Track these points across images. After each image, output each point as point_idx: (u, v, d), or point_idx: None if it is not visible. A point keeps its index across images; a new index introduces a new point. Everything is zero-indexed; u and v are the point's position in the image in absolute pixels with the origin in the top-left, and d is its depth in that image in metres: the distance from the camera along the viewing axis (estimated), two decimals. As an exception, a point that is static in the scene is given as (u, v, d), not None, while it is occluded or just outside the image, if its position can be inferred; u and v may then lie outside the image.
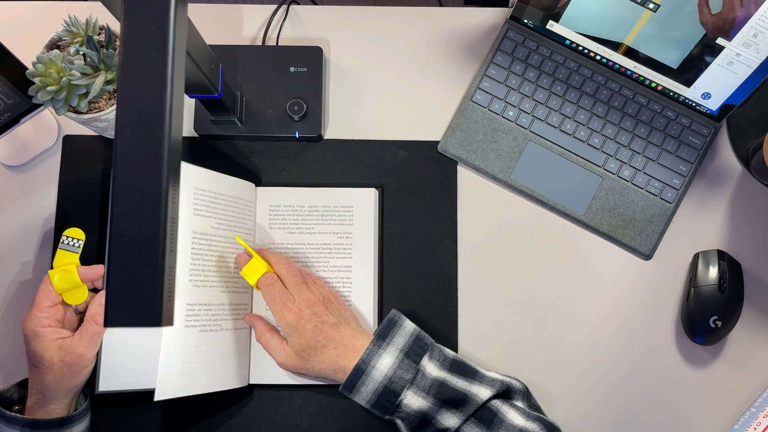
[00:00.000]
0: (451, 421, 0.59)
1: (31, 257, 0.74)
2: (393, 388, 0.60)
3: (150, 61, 0.42)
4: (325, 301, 0.65)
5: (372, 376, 0.60)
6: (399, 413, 0.61)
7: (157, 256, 0.41)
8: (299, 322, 0.62)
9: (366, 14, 0.80)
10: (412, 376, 0.60)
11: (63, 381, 0.61)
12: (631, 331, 0.74)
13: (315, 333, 0.62)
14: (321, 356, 0.62)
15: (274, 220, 0.73)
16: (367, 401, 0.61)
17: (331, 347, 0.62)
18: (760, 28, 0.64)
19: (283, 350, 0.64)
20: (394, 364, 0.61)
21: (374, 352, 0.61)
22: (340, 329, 0.63)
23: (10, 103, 0.67)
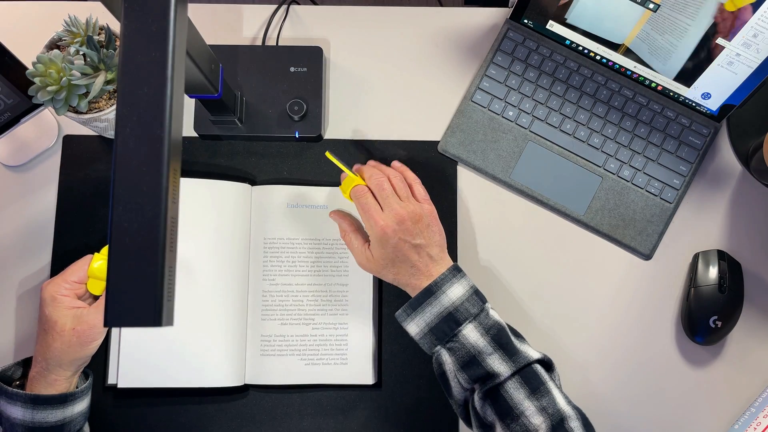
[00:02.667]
0: (501, 367, 0.60)
1: (31, 257, 0.74)
2: (457, 317, 0.61)
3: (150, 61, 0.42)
4: (415, 219, 0.65)
5: (440, 300, 0.62)
6: (454, 342, 0.61)
7: (157, 256, 0.41)
8: (384, 235, 0.63)
9: (366, 14, 0.81)
10: (477, 312, 0.61)
11: (70, 350, 0.62)
12: (631, 330, 0.74)
13: (396, 249, 0.63)
14: (397, 269, 0.64)
15: (270, 219, 0.73)
16: (428, 323, 0.61)
17: (408, 266, 0.64)
18: (760, 28, 0.64)
19: (363, 253, 0.66)
20: (463, 295, 0.62)
21: (448, 279, 0.63)
22: (420, 251, 0.64)
23: (10, 103, 0.67)
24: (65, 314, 0.62)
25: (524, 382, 0.59)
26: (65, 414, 0.63)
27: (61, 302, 0.62)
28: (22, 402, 0.61)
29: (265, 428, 0.70)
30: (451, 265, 0.64)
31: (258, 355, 0.70)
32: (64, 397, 0.62)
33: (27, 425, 0.61)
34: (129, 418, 0.70)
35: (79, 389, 0.64)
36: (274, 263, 0.72)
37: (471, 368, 0.60)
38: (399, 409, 0.71)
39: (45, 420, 0.61)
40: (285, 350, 0.70)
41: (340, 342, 0.71)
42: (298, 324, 0.71)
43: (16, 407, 0.61)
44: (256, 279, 0.72)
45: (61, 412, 0.62)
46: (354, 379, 0.70)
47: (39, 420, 0.61)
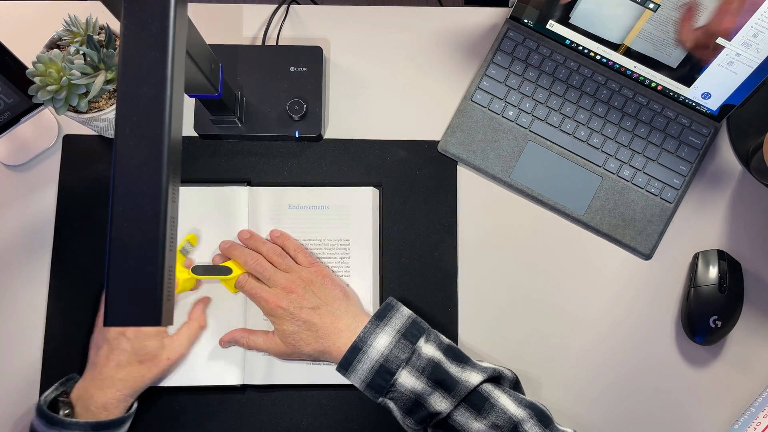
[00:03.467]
0: (443, 405, 0.59)
1: (31, 257, 0.74)
2: (389, 367, 0.60)
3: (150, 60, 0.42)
4: (306, 284, 0.66)
5: (368, 354, 0.61)
6: (393, 393, 0.61)
7: (157, 256, 0.41)
8: (276, 310, 0.64)
9: (366, 14, 0.80)
10: (408, 356, 0.61)
11: (161, 375, 0.66)
12: (630, 330, 0.74)
13: (293, 319, 0.64)
14: (305, 339, 0.64)
15: (273, 220, 0.73)
16: (362, 380, 0.61)
17: (312, 331, 0.63)
18: (760, 28, 0.64)
19: (270, 341, 0.66)
20: (390, 344, 0.61)
21: (371, 331, 0.62)
22: (320, 312, 0.64)
23: (10, 102, 0.67)
24: (159, 345, 0.66)
25: (469, 406, 0.60)
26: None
27: (160, 331, 0.66)
28: (82, 430, 0.61)
29: (264, 428, 0.70)
30: (371, 315, 0.64)
31: (260, 355, 0.70)
32: (122, 420, 0.64)
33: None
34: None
35: (129, 413, 0.65)
36: None
37: (415, 413, 0.60)
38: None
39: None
40: None
41: None
42: None
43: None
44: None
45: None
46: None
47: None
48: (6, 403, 0.71)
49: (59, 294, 0.72)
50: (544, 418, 0.60)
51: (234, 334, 0.69)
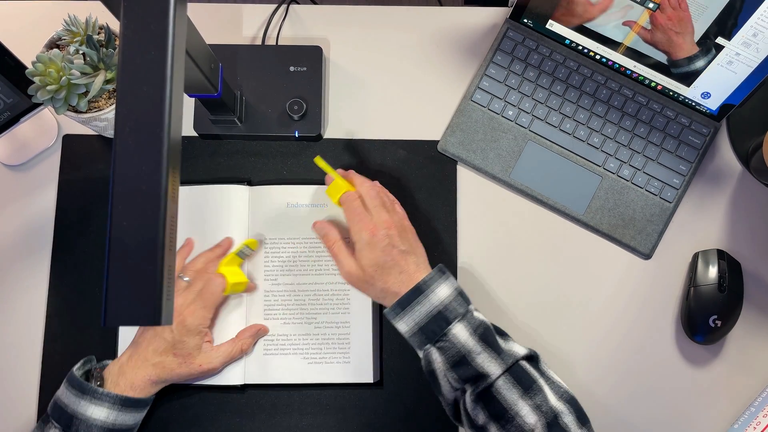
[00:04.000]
0: (491, 366, 0.59)
1: (31, 257, 0.74)
2: (446, 315, 0.61)
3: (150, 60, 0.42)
4: (400, 229, 0.66)
5: (430, 299, 0.61)
6: (444, 342, 0.60)
7: (157, 256, 0.41)
8: (372, 239, 0.63)
9: (366, 14, 0.80)
10: (464, 311, 0.61)
11: (188, 378, 0.67)
12: (630, 330, 0.74)
13: (384, 253, 0.63)
14: (385, 276, 0.63)
15: (271, 219, 0.73)
16: (417, 323, 0.61)
17: (396, 271, 0.63)
18: (760, 28, 0.64)
19: (351, 261, 0.65)
20: (451, 295, 0.62)
21: (435, 279, 0.62)
22: (407, 257, 0.64)
23: (9, 102, 0.67)
24: (199, 347, 0.66)
25: (516, 381, 0.59)
26: (138, 417, 0.65)
27: (202, 333, 0.67)
28: (111, 403, 0.62)
29: (264, 427, 0.70)
30: (437, 266, 0.64)
31: (261, 354, 0.70)
32: (148, 401, 0.66)
33: (107, 427, 0.61)
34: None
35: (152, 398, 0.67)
36: (275, 263, 0.72)
37: (461, 368, 0.60)
38: (400, 408, 0.71)
39: (125, 423, 0.63)
40: (288, 349, 0.70)
41: (342, 341, 0.71)
42: (300, 323, 0.71)
43: (101, 408, 0.61)
44: (258, 278, 0.72)
45: (139, 415, 0.65)
46: (356, 378, 0.70)
47: (120, 422, 0.63)
48: (6, 403, 0.71)
49: (59, 294, 0.72)
50: (582, 416, 0.60)
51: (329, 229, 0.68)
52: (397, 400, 0.71)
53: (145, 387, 0.64)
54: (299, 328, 0.71)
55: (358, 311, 0.71)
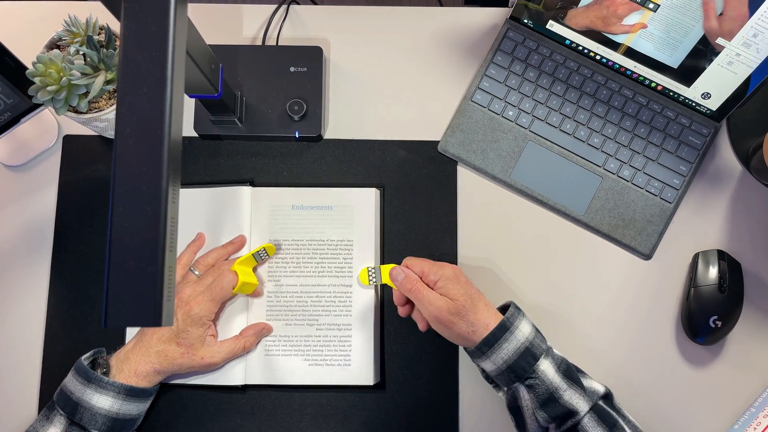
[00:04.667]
0: (579, 403, 0.59)
1: (31, 257, 0.74)
2: (534, 352, 0.60)
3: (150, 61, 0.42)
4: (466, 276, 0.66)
5: (516, 336, 0.60)
6: (533, 379, 0.59)
7: (157, 256, 0.41)
8: (456, 273, 0.63)
9: (366, 14, 0.81)
10: (546, 348, 0.61)
11: (189, 370, 0.66)
12: (630, 330, 0.74)
13: (470, 285, 0.63)
14: (476, 305, 0.62)
15: (275, 220, 0.73)
16: (506, 360, 0.59)
17: (483, 303, 0.62)
18: (760, 28, 0.64)
19: (439, 296, 0.62)
20: (532, 332, 0.61)
21: (516, 315, 0.62)
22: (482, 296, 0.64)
23: (10, 102, 0.67)
24: (202, 339, 0.66)
25: (600, 419, 0.59)
26: (142, 408, 0.66)
27: (208, 326, 0.67)
28: (116, 392, 0.62)
29: (265, 427, 0.70)
30: (511, 302, 0.64)
31: (262, 355, 0.70)
32: (152, 392, 0.66)
33: (111, 416, 0.62)
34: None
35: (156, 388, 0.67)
36: (278, 264, 0.72)
37: (550, 406, 0.59)
38: (400, 410, 0.71)
39: (129, 412, 0.63)
40: (289, 351, 0.70)
41: (344, 343, 0.71)
42: (302, 325, 0.71)
43: (106, 397, 0.62)
44: (261, 279, 0.72)
45: (143, 405, 0.66)
46: (357, 380, 0.70)
47: (125, 411, 0.63)
48: (6, 403, 0.71)
49: (59, 294, 0.72)
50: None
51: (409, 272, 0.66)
52: (398, 402, 0.71)
53: (148, 375, 0.64)
54: (301, 330, 0.71)
55: (360, 314, 0.71)
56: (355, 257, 0.72)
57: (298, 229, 0.73)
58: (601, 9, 0.70)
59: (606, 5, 0.69)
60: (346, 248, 0.73)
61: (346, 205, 0.73)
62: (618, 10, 0.69)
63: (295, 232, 0.73)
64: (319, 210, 0.73)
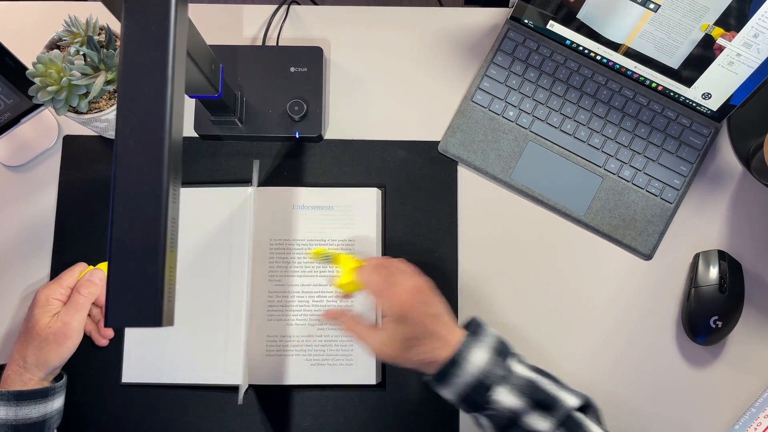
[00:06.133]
0: (542, 424, 0.57)
1: (31, 257, 0.74)
2: (486, 383, 0.58)
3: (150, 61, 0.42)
4: (429, 288, 0.62)
5: (466, 369, 0.58)
6: (489, 410, 0.58)
7: (158, 256, 0.41)
8: (405, 309, 0.60)
9: (366, 14, 0.80)
10: (504, 374, 0.59)
11: (47, 348, 0.64)
12: (631, 331, 0.74)
13: (417, 323, 0.60)
14: (422, 347, 0.60)
15: (276, 220, 0.73)
16: (458, 394, 0.59)
17: (433, 339, 0.60)
18: (761, 29, 0.64)
19: (380, 338, 0.61)
20: (488, 361, 0.59)
21: (468, 346, 0.59)
22: (437, 321, 0.61)
23: (10, 103, 0.67)
24: (48, 316, 0.65)
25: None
26: (46, 410, 0.64)
27: (52, 305, 0.66)
28: (5, 400, 0.62)
29: (266, 428, 0.70)
30: (472, 322, 0.62)
31: (264, 356, 0.70)
32: (46, 392, 0.64)
33: (10, 424, 0.62)
34: (131, 417, 0.70)
35: (59, 384, 0.66)
36: (279, 264, 0.72)
37: (511, 430, 0.58)
38: (401, 410, 0.71)
39: (28, 416, 0.63)
40: (291, 351, 0.70)
41: (344, 343, 0.71)
42: (303, 324, 0.71)
43: None
44: (262, 280, 0.72)
45: (42, 407, 0.64)
46: (358, 380, 0.70)
47: (22, 417, 0.62)
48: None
49: (59, 294, 0.72)
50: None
51: (339, 314, 0.64)
52: (399, 402, 0.71)
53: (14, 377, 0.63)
54: (302, 330, 0.71)
55: (361, 313, 0.71)
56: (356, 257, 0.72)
57: (300, 229, 0.73)
58: None
59: None
60: (347, 248, 0.73)
61: (348, 205, 0.73)
62: None
63: (296, 232, 0.73)
64: (321, 210, 0.73)
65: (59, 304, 0.66)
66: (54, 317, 0.65)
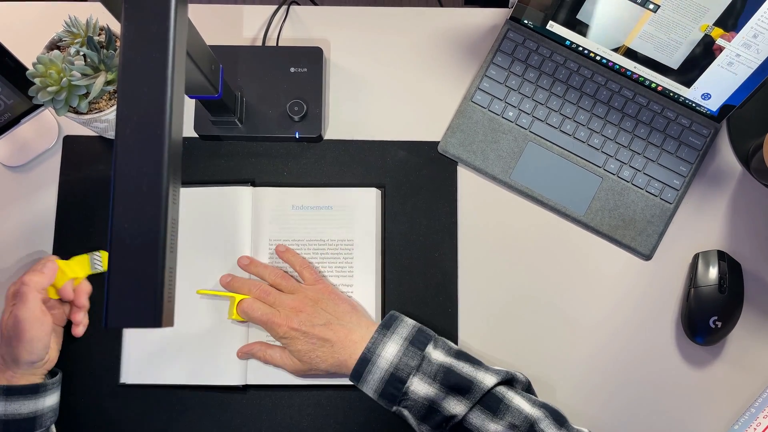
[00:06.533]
0: (457, 408, 0.59)
1: (31, 258, 0.74)
2: (399, 375, 0.60)
3: (150, 61, 0.42)
4: (314, 302, 0.66)
5: (378, 364, 0.61)
6: (406, 401, 0.60)
7: (157, 257, 0.41)
8: (288, 332, 0.64)
9: (366, 14, 0.81)
10: (417, 363, 0.60)
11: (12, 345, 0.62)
12: (631, 331, 0.74)
13: (306, 337, 0.64)
14: (320, 356, 0.64)
15: (275, 220, 0.73)
16: (375, 390, 0.61)
17: (327, 346, 0.63)
18: (760, 29, 0.64)
19: (287, 358, 0.66)
20: (399, 352, 0.61)
21: (379, 341, 0.62)
22: (332, 327, 0.64)
23: (10, 103, 0.67)
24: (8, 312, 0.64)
25: (485, 408, 0.59)
26: (37, 406, 0.64)
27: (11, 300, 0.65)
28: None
29: (265, 427, 0.70)
30: (378, 325, 0.64)
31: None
32: (36, 388, 0.64)
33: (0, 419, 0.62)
34: (130, 418, 0.70)
35: (50, 381, 0.66)
36: (279, 264, 0.72)
37: (429, 418, 0.60)
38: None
39: (18, 412, 0.62)
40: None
41: None
42: None
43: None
44: (260, 280, 0.72)
45: (33, 404, 0.63)
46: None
47: (11, 412, 0.62)
48: (6, 403, 0.71)
49: (59, 295, 0.72)
50: (558, 417, 0.61)
51: (252, 347, 0.69)
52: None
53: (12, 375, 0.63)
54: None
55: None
56: (356, 257, 0.72)
57: (299, 229, 0.73)
58: None
59: None
60: (346, 248, 0.73)
61: (347, 205, 0.73)
62: None
63: (296, 232, 0.73)
64: (319, 210, 0.73)
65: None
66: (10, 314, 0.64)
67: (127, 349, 0.71)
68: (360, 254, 0.72)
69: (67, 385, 0.70)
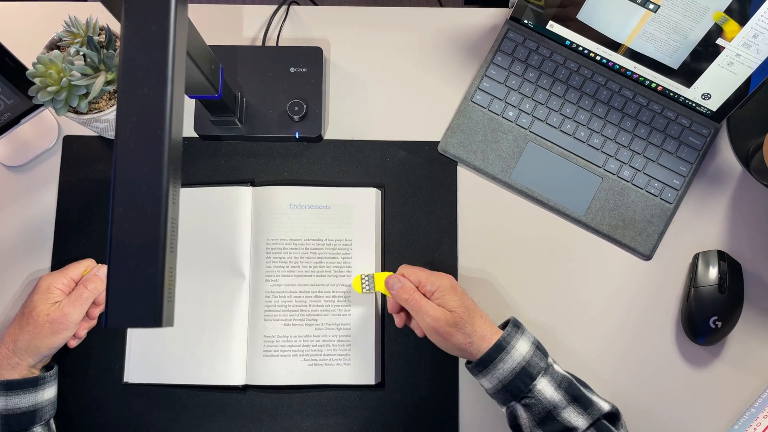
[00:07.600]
0: (579, 420, 0.59)
1: (31, 257, 0.74)
2: (530, 371, 0.60)
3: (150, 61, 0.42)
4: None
5: (511, 355, 0.60)
6: (529, 399, 0.60)
7: (158, 257, 0.41)
8: (454, 283, 0.65)
9: (366, 14, 0.81)
10: (545, 366, 0.60)
11: (41, 335, 0.64)
12: (630, 331, 0.74)
13: (467, 297, 0.64)
14: (473, 318, 0.62)
15: (273, 219, 0.73)
16: (501, 380, 0.60)
17: (479, 316, 0.63)
18: (760, 29, 0.64)
19: (436, 306, 0.63)
20: (530, 350, 0.61)
21: (512, 335, 0.61)
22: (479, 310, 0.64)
23: (10, 103, 0.67)
24: (48, 304, 0.65)
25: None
26: (36, 399, 0.64)
27: (52, 293, 0.66)
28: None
29: (265, 428, 0.70)
30: (511, 318, 0.64)
31: (261, 356, 0.70)
32: (36, 381, 0.64)
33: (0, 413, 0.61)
34: (133, 417, 0.70)
35: (49, 374, 0.66)
36: (276, 264, 0.72)
37: (547, 424, 0.59)
38: (401, 410, 0.71)
39: (18, 406, 0.62)
40: (288, 351, 0.70)
41: (343, 342, 0.71)
42: (300, 325, 0.71)
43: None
44: (259, 280, 0.72)
45: (32, 397, 0.64)
46: (357, 380, 0.70)
47: (12, 406, 0.62)
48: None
49: (59, 295, 0.72)
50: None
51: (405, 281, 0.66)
52: (398, 402, 0.71)
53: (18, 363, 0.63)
54: (300, 330, 0.71)
55: (360, 313, 0.71)
56: (354, 257, 0.72)
57: (296, 228, 0.73)
58: None
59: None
60: (344, 248, 0.73)
61: (345, 204, 0.73)
62: None
63: (293, 231, 0.73)
64: (317, 209, 0.73)
65: (60, 294, 0.66)
66: (54, 306, 0.65)
67: (131, 348, 0.71)
68: (358, 254, 0.72)
69: (72, 384, 0.70)
